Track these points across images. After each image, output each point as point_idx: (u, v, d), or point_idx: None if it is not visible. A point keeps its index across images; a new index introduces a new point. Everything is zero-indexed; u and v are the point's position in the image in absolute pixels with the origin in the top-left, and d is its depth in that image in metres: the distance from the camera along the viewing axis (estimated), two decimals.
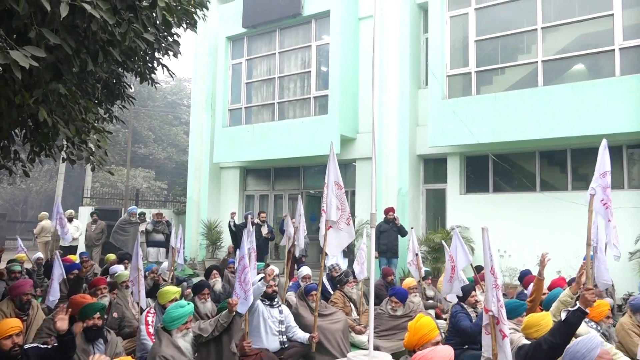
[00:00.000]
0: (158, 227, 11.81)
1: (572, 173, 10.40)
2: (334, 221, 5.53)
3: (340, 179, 5.65)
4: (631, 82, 8.90)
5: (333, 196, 5.62)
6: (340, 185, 5.64)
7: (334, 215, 5.51)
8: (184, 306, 4.49)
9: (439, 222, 11.75)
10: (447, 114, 10.71)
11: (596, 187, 4.81)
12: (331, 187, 5.62)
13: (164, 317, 4.47)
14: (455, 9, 11.11)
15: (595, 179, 4.86)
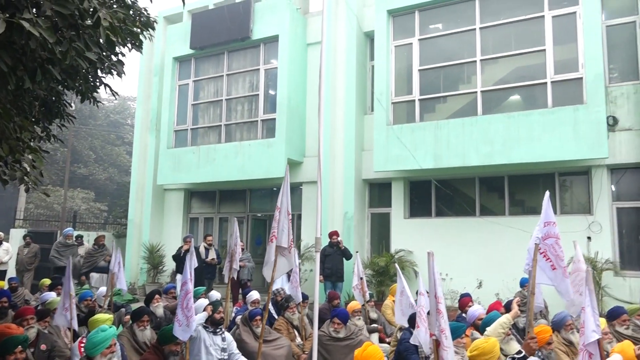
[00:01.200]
0: (102, 251, 11.31)
1: (509, 199, 10.85)
2: (283, 247, 5.48)
3: (289, 204, 5.62)
4: (561, 113, 9.44)
5: (286, 221, 5.58)
6: (289, 211, 5.61)
7: (285, 241, 5.47)
8: (105, 330, 4.32)
9: (384, 245, 11.91)
10: (391, 139, 10.96)
11: (540, 237, 4.99)
12: (284, 212, 5.58)
13: (86, 344, 4.28)
14: (400, 39, 11.49)
15: (540, 229, 5.04)
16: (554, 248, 4.94)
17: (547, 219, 4.98)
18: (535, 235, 4.97)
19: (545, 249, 4.94)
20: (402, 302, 5.99)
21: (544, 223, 5.02)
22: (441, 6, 11.13)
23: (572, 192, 10.46)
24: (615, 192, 9.92)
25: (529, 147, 9.65)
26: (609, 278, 9.34)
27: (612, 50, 10.12)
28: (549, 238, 4.94)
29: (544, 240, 4.94)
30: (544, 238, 4.95)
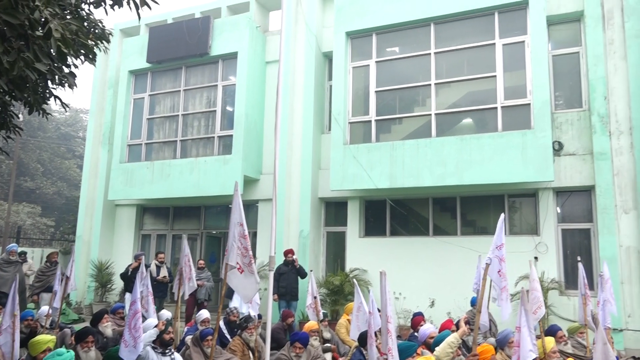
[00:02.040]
0: (54, 269, 10.75)
1: (461, 219, 11.11)
2: (232, 266, 5.39)
3: (244, 220, 5.53)
4: (510, 137, 9.80)
5: (235, 239, 5.50)
6: (244, 229, 5.51)
7: (232, 259, 5.39)
8: (62, 354, 4.13)
9: (339, 264, 11.94)
10: (348, 159, 11.08)
11: (493, 258, 5.15)
12: (233, 229, 5.50)
13: None
14: (358, 60, 11.70)
15: (492, 250, 5.21)
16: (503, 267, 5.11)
17: (500, 241, 5.15)
18: (488, 255, 5.12)
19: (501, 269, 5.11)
20: (358, 318, 6.00)
21: (496, 246, 5.18)
22: (398, 30, 11.43)
23: (521, 214, 10.81)
24: (561, 214, 10.33)
25: (480, 169, 9.94)
26: (554, 297, 9.67)
27: (558, 79, 10.63)
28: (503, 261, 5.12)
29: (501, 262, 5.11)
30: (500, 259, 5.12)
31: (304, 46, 12.65)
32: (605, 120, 9.73)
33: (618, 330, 9.01)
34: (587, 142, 9.98)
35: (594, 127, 9.79)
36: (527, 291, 5.23)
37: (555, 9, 10.49)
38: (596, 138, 9.75)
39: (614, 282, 9.14)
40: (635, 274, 9.22)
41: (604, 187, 9.57)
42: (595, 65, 9.92)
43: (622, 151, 9.59)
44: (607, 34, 9.99)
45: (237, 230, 5.24)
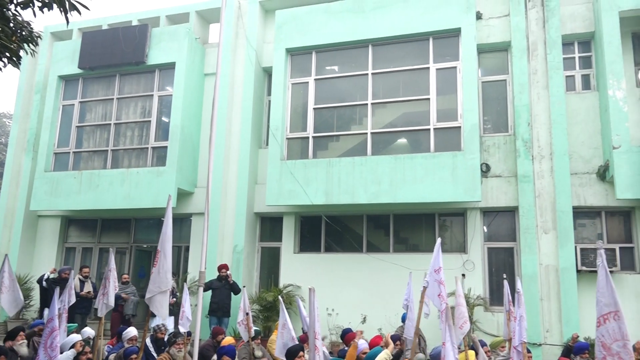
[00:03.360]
0: None
1: (394, 236, 11.35)
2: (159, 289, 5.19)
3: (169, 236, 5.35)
4: (442, 158, 10.16)
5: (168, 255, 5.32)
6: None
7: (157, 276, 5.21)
8: None
9: (273, 280, 11.85)
10: (285, 174, 11.08)
11: (431, 281, 5.29)
12: (166, 245, 5.32)
13: None
14: (297, 77, 11.80)
15: (429, 273, 5.35)
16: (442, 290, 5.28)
17: (437, 265, 5.30)
18: (425, 279, 5.25)
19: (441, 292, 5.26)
20: (283, 335, 5.96)
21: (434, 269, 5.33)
22: (337, 50, 11.64)
23: (451, 232, 11.19)
24: (487, 233, 10.78)
25: (413, 188, 10.22)
26: (480, 313, 10.03)
27: (487, 104, 11.17)
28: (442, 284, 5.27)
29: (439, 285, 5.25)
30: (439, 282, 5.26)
31: (243, 60, 12.61)
32: (528, 145, 10.30)
33: (537, 344, 9.46)
34: (512, 165, 10.51)
35: (519, 151, 10.34)
36: (452, 307, 5.40)
37: (485, 38, 11.06)
38: (520, 161, 10.29)
39: (535, 299, 9.65)
40: (553, 291, 9.74)
41: (526, 208, 10.09)
42: (520, 93, 10.51)
43: (544, 174, 10.17)
44: (532, 64, 10.64)
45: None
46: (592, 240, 10.11)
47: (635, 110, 10.19)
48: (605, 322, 3.65)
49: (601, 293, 3.73)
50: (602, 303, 3.72)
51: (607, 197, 9.93)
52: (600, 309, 3.71)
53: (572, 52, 10.94)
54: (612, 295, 3.68)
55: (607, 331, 3.62)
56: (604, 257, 3.78)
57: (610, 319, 3.63)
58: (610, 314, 3.64)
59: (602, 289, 3.73)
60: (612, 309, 3.64)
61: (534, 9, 10.81)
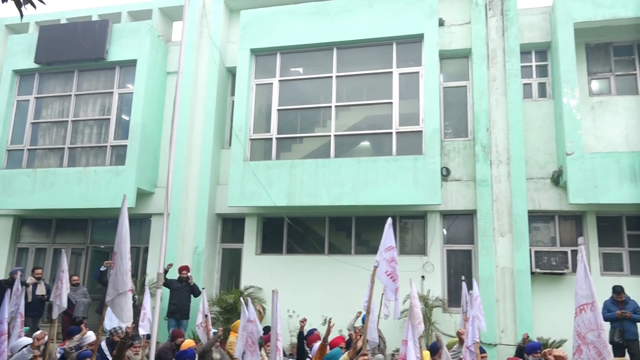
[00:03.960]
0: None
1: (356, 238, 11.43)
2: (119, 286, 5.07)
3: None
4: (403, 161, 10.31)
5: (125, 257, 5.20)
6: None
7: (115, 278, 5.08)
8: None
9: (234, 282, 11.74)
10: (247, 175, 11.01)
11: (380, 260, 5.31)
12: (123, 247, 5.19)
13: None
14: (261, 78, 11.75)
15: (380, 253, 5.36)
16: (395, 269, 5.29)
17: (390, 243, 5.30)
18: (376, 258, 5.26)
19: (392, 270, 5.26)
20: (243, 336, 5.92)
21: (385, 248, 5.33)
22: (302, 52, 11.66)
23: (411, 234, 11.35)
24: (446, 235, 10.98)
25: (375, 190, 10.33)
26: (438, 314, 10.21)
27: (447, 109, 11.40)
28: (392, 261, 5.28)
29: (389, 263, 5.25)
30: (389, 261, 5.26)
31: (207, 59, 12.48)
32: (487, 150, 10.56)
33: (492, 345, 9.70)
34: (471, 169, 10.75)
35: (477, 155, 10.58)
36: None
37: (447, 44, 11.29)
38: (479, 166, 10.54)
39: (491, 300, 9.89)
40: (509, 292, 10.01)
41: (484, 211, 10.34)
42: (480, 99, 10.77)
43: (501, 179, 10.44)
44: (491, 71, 10.91)
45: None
46: (545, 243, 10.44)
47: (588, 119, 10.58)
48: (582, 313, 3.81)
49: (579, 285, 3.89)
50: (579, 295, 3.88)
51: (560, 202, 10.27)
52: (577, 300, 3.87)
53: (529, 61, 11.29)
54: (590, 287, 3.84)
55: (582, 321, 3.78)
56: (584, 252, 3.95)
57: (587, 310, 3.79)
58: (587, 305, 3.80)
59: (581, 282, 3.89)
60: (589, 301, 3.80)
61: (494, 17, 11.10)
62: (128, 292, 4.99)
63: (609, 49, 11.00)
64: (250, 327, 5.83)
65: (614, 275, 9.88)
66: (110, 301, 5.05)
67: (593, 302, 3.77)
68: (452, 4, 11.49)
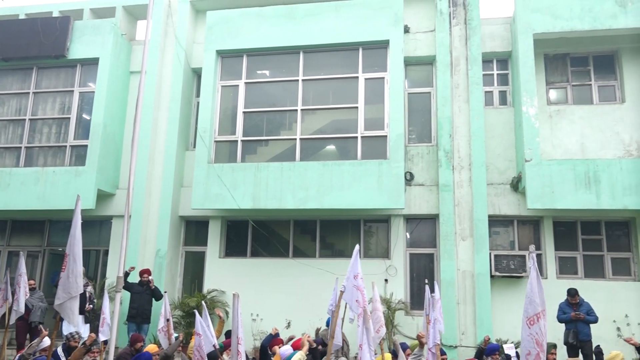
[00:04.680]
0: None
1: (321, 242, 11.47)
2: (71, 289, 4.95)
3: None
4: (368, 166, 10.41)
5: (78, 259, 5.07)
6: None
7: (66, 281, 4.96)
8: None
9: (196, 285, 11.60)
10: (212, 178, 10.91)
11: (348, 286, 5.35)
12: (76, 249, 5.07)
13: None
14: (227, 80, 11.67)
15: (348, 278, 5.41)
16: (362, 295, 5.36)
17: (356, 271, 5.37)
18: (343, 283, 5.32)
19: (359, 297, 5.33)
20: (201, 343, 5.86)
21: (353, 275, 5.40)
22: (269, 54, 11.64)
23: (376, 238, 11.45)
24: (409, 239, 11.14)
25: (340, 194, 10.39)
26: (401, 317, 10.34)
27: (412, 115, 11.58)
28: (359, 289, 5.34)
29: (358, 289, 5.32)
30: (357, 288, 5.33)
31: (172, 60, 12.32)
32: (449, 156, 10.77)
33: (453, 346, 9.88)
34: (434, 174, 10.94)
35: (440, 161, 10.78)
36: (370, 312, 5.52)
37: (412, 51, 11.47)
38: (442, 171, 10.73)
39: (452, 303, 10.08)
40: (469, 295, 10.22)
41: (446, 215, 10.54)
42: (443, 105, 10.98)
43: (463, 184, 10.66)
44: (454, 78, 11.14)
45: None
46: (505, 247, 10.72)
47: (546, 127, 10.93)
48: (538, 321, 3.87)
49: (533, 293, 3.94)
50: (535, 302, 3.93)
51: (519, 207, 10.57)
52: (533, 308, 3.91)
53: (491, 69, 11.59)
54: (542, 295, 3.91)
55: (540, 329, 3.85)
56: (534, 260, 4.03)
57: (542, 317, 3.86)
58: (542, 312, 3.87)
59: (534, 290, 3.94)
60: (542, 308, 3.87)
61: (457, 26, 11.34)
62: (78, 297, 4.88)
63: (566, 60, 11.40)
64: (198, 341, 5.78)
65: (569, 279, 10.21)
66: (59, 305, 4.94)
67: (544, 309, 3.88)
68: (417, 11, 11.69)
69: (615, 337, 9.72)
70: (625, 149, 10.60)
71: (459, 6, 11.43)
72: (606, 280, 10.23)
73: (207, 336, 5.75)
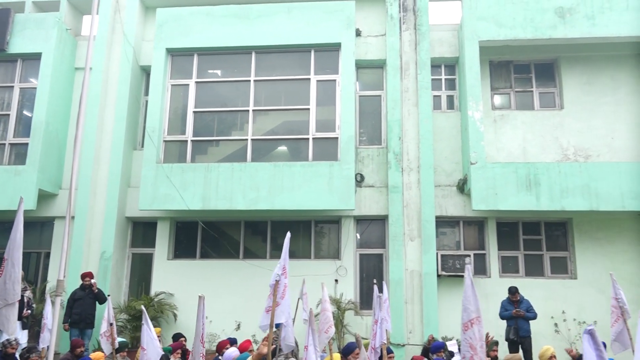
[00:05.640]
0: None
1: (272, 243, 11.45)
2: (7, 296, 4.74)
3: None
4: (319, 167, 10.47)
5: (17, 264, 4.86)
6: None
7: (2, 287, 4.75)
8: None
9: (143, 288, 11.33)
10: (160, 178, 10.69)
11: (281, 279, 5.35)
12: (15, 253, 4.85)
13: None
14: (177, 79, 11.48)
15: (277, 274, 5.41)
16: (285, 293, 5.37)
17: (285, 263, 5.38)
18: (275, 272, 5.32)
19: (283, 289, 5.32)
20: (149, 347, 5.75)
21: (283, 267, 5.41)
22: (220, 54, 11.53)
23: (328, 238, 11.53)
24: (359, 240, 11.29)
25: (291, 195, 10.41)
26: (350, 317, 10.46)
27: (363, 117, 11.74)
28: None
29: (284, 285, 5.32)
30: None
31: (120, 57, 11.99)
32: (399, 158, 10.99)
33: (401, 345, 10.08)
34: (384, 176, 11.13)
35: (390, 163, 10.98)
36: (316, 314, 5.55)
37: (363, 54, 11.64)
38: (391, 173, 10.94)
39: (400, 303, 10.28)
40: (417, 294, 10.45)
41: (395, 217, 10.74)
42: (393, 108, 11.19)
43: (411, 186, 10.90)
44: (404, 82, 11.38)
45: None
46: (451, 247, 11.03)
47: (491, 131, 11.32)
48: (473, 326, 4.02)
49: (468, 300, 4.10)
50: (469, 310, 4.08)
51: (464, 208, 10.90)
52: (468, 315, 4.06)
53: (439, 74, 11.90)
54: (476, 302, 4.07)
55: (473, 334, 4.00)
56: (469, 270, 4.18)
57: (476, 323, 4.02)
58: (476, 318, 4.02)
59: (469, 297, 4.10)
60: (477, 315, 4.03)
61: (407, 31, 11.59)
62: (15, 303, 4.67)
63: (510, 67, 11.86)
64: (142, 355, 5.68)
65: (511, 277, 10.62)
66: None
67: (479, 316, 4.05)
68: (369, 15, 11.87)
69: (553, 332, 10.18)
70: (563, 153, 11.12)
71: (409, 12, 11.69)
72: (545, 278, 10.69)
73: (153, 347, 5.64)
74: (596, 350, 3.44)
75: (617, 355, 6.44)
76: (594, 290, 10.37)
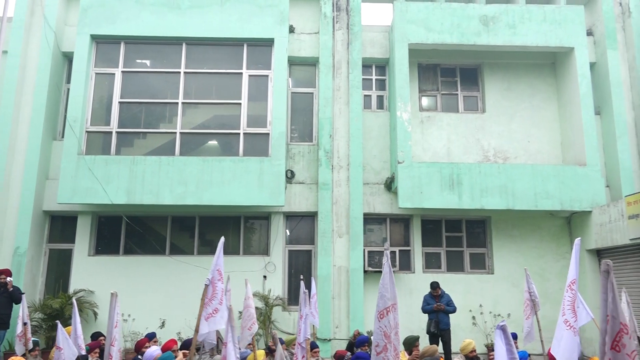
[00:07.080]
0: None
1: (199, 238, 11.25)
2: None
3: None
4: (249, 163, 10.40)
5: None
6: None
7: None
8: None
9: (61, 285, 10.80)
10: (82, 170, 10.21)
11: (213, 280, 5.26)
12: None
13: None
14: (102, 67, 11.00)
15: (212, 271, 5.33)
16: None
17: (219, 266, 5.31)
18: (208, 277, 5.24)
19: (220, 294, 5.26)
20: (70, 346, 5.51)
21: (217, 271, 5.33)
22: (149, 43, 11.16)
23: (257, 235, 11.48)
24: (289, 236, 11.33)
25: (220, 190, 10.26)
26: (278, 313, 10.48)
27: (295, 114, 11.78)
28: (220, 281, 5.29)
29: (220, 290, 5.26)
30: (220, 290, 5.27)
31: (39, 41, 11.31)
32: (329, 155, 11.12)
33: (327, 340, 10.23)
34: (314, 173, 11.23)
35: (320, 160, 11.09)
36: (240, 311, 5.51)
37: (296, 51, 11.67)
38: (321, 170, 11.05)
39: (327, 298, 10.42)
40: (344, 290, 10.64)
41: (324, 213, 10.87)
42: (324, 106, 11.31)
43: (341, 183, 11.07)
44: (336, 81, 11.53)
45: None
46: (378, 244, 11.31)
47: (418, 131, 11.70)
48: (388, 314, 4.06)
49: (385, 288, 4.13)
50: (386, 297, 4.12)
51: (391, 206, 11.20)
52: (384, 302, 4.09)
53: (370, 74, 12.15)
54: (393, 290, 4.12)
55: (388, 322, 4.04)
56: (388, 257, 4.21)
57: (392, 311, 4.06)
58: (392, 306, 4.07)
59: (386, 285, 4.14)
60: (393, 302, 4.08)
61: (340, 30, 11.74)
62: None
63: (437, 70, 12.30)
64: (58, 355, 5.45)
65: (434, 272, 11.04)
66: None
67: (395, 303, 4.12)
68: (303, 13, 11.91)
69: (471, 325, 10.70)
70: (484, 154, 11.69)
71: (343, 11, 11.84)
72: (465, 273, 11.21)
73: (69, 347, 5.40)
74: (507, 345, 3.67)
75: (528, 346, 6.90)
76: (509, 284, 11.00)
